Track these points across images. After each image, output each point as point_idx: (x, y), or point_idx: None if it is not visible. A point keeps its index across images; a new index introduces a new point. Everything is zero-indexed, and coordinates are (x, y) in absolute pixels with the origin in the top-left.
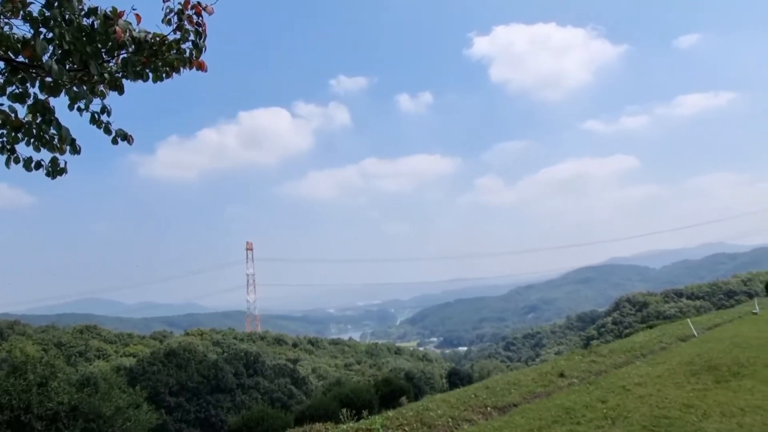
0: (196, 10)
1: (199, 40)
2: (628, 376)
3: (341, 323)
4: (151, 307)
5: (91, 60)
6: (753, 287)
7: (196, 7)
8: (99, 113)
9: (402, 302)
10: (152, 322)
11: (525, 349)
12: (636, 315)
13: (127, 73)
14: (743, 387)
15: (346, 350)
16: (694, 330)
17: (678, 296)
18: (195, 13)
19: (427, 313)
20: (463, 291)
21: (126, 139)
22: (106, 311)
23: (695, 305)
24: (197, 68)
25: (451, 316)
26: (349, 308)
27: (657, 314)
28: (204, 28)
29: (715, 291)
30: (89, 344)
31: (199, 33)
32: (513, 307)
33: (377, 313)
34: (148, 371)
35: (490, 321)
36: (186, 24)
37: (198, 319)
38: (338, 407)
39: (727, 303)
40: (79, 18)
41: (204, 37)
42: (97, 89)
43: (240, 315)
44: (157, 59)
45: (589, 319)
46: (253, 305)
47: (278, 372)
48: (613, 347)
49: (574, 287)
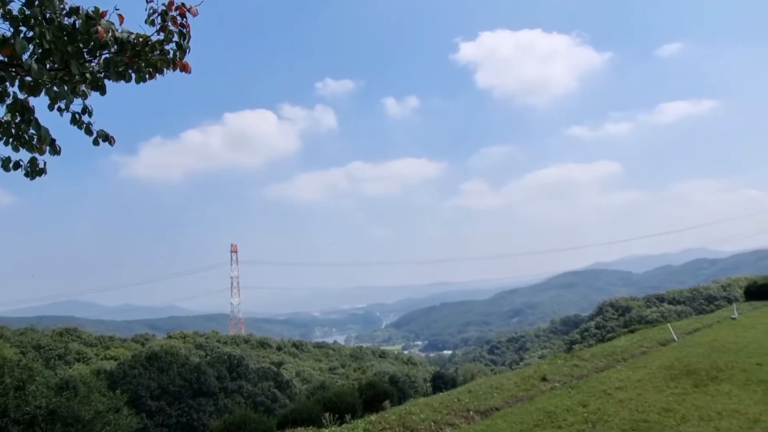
0: (180, 12)
1: (183, 41)
2: (609, 380)
3: (326, 326)
4: (132, 310)
5: (72, 60)
6: (732, 292)
7: (181, 8)
8: (80, 113)
9: (387, 306)
10: (134, 325)
11: (509, 352)
12: (619, 319)
13: (109, 73)
14: (721, 391)
15: (330, 354)
16: (674, 335)
17: (660, 301)
18: (179, 14)
19: (412, 317)
20: (448, 294)
21: (107, 140)
22: (86, 313)
23: (676, 310)
24: (181, 69)
25: (437, 319)
26: (334, 311)
27: (639, 319)
28: (188, 30)
29: (696, 296)
30: (69, 347)
31: (183, 34)
32: (498, 311)
33: (362, 317)
34: (129, 374)
35: (475, 325)
36: (170, 25)
37: (181, 322)
38: (321, 411)
39: (707, 308)
40: (60, 17)
41: (188, 38)
42: (78, 89)
43: (224, 318)
44: (140, 60)
45: (572, 323)
46: (237, 308)
47: (262, 375)
48: (595, 351)
49: (558, 291)
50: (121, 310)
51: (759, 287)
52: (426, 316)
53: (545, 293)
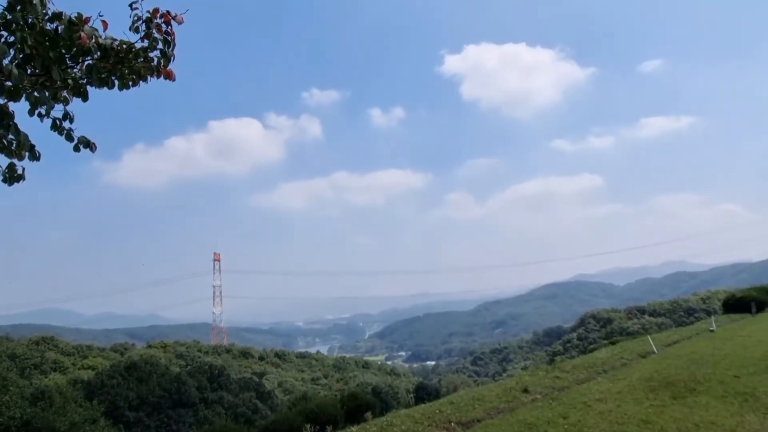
0: (165, 19)
1: (167, 48)
2: (590, 392)
3: (309, 336)
4: (112, 318)
5: (53, 65)
6: (711, 305)
7: (166, 15)
8: (61, 119)
9: (371, 316)
10: (113, 334)
11: (492, 364)
12: (600, 331)
13: (91, 79)
14: (699, 403)
15: (313, 364)
16: (654, 346)
17: (641, 313)
18: (164, 21)
19: (395, 327)
20: (432, 305)
21: (89, 147)
22: (64, 322)
23: (657, 322)
24: (165, 77)
25: (420, 330)
26: (318, 321)
27: (621, 330)
28: (173, 37)
29: (676, 308)
30: (45, 356)
31: (168, 42)
32: (481, 322)
33: (346, 327)
34: (107, 385)
35: (459, 335)
36: (154, 32)
37: (162, 331)
38: (303, 422)
39: (687, 320)
40: (42, 22)
41: (173, 46)
42: (59, 95)
43: (206, 327)
44: (124, 67)
45: (555, 334)
46: (220, 317)
47: (243, 386)
48: (576, 363)
49: (541, 303)
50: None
51: (737, 300)
52: (410, 326)
53: (528, 304)
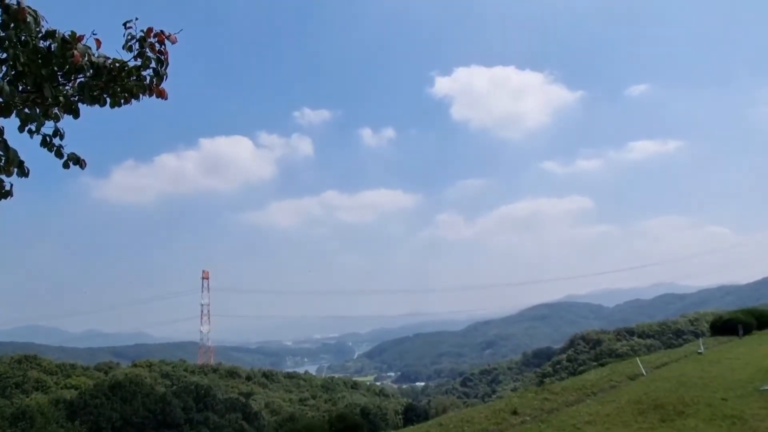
0: (158, 39)
1: (160, 67)
2: (579, 414)
3: (298, 356)
4: (97, 336)
5: (45, 82)
6: (699, 327)
7: (159, 35)
8: (51, 136)
9: (360, 336)
10: (98, 352)
11: (482, 385)
12: (590, 352)
13: (83, 97)
14: (687, 426)
15: (301, 384)
16: (642, 369)
17: (630, 335)
18: (157, 41)
19: (385, 347)
20: (421, 325)
21: (78, 163)
22: (48, 340)
23: (646, 344)
24: (157, 96)
25: (410, 350)
26: (307, 341)
27: (610, 352)
28: (166, 56)
29: (665, 330)
30: (27, 375)
31: (161, 61)
32: (471, 343)
33: (335, 347)
34: (90, 404)
35: (448, 356)
36: (147, 51)
37: (148, 350)
38: None
39: (676, 342)
40: (35, 40)
41: (166, 65)
42: (51, 112)
43: (193, 346)
44: (116, 85)
45: (545, 355)
46: (207, 336)
47: (230, 406)
48: (565, 385)
49: (530, 324)
50: (85, 336)
51: (724, 322)
52: (399, 346)
53: (518, 325)
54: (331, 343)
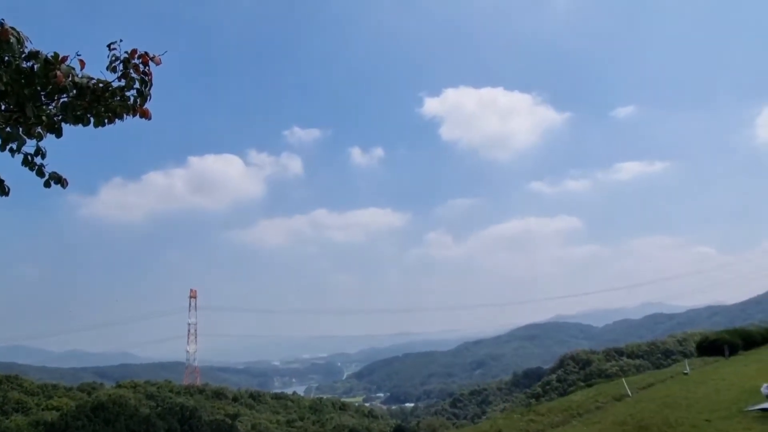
0: (143, 60)
1: (144, 88)
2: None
3: (286, 376)
4: (81, 356)
5: (27, 102)
6: (688, 347)
7: (144, 56)
8: (32, 155)
9: (349, 355)
10: (81, 373)
11: (471, 406)
12: (579, 373)
13: (66, 116)
14: None
15: (289, 405)
16: (628, 390)
17: (619, 355)
18: (142, 62)
19: (374, 368)
20: (411, 345)
21: (60, 183)
22: (30, 360)
23: (635, 364)
24: (141, 116)
25: (399, 370)
26: (295, 361)
27: (599, 372)
28: (150, 77)
29: (654, 350)
30: (8, 396)
31: (145, 81)
32: (461, 363)
33: (324, 367)
34: (72, 426)
35: (438, 376)
36: (132, 72)
37: (132, 370)
38: None
39: (664, 362)
40: (18, 60)
41: (150, 85)
42: (33, 131)
43: (179, 366)
44: (100, 105)
45: (535, 375)
46: (193, 356)
47: (215, 428)
48: (551, 406)
49: (520, 343)
50: (68, 356)
51: (710, 343)
52: (388, 366)
53: (508, 345)
54: (320, 364)
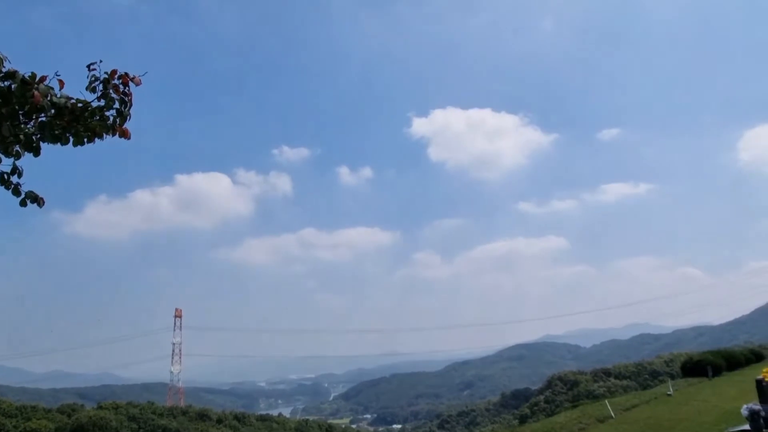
0: (123, 80)
1: (123, 108)
2: None
3: (272, 398)
4: (62, 377)
5: (4, 121)
6: (674, 368)
7: (124, 77)
8: (9, 174)
9: (337, 376)
10: (62, 394)
11: (459, 427)
12: (567, 393)
13: (44, 135)
14: None
15: (274, 427)
16: (611, 411)
17: (607, 375)
18: (122, 83)
19: (361, 388)
20: (399, 365)
21: (36, 202)
22: (9, 380)
23: (622, 384)
24: (120, 135)
25: (386, 391)
26: (281, 382)
27: (587, 393)
28: (130, 98)
29: (641, 371)
30: None
31: (125, 101)
32: (449, 383)
33: (310, 388)
34: None
35: (426, 397)
36: (111, 92)
37: (115, 391)
38: None
39: (652, 383)
40: None
41: (129, 105)
42: (11, 149)
43: (162, 387)
44: (78, 124)
45: (523, 396)
46: (177, 377)
47: None
48: (535, 428)
49: (508, 364)
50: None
51: (694, 363)
52: (375, 387)
53: (496, 365)
54: (307, 384)
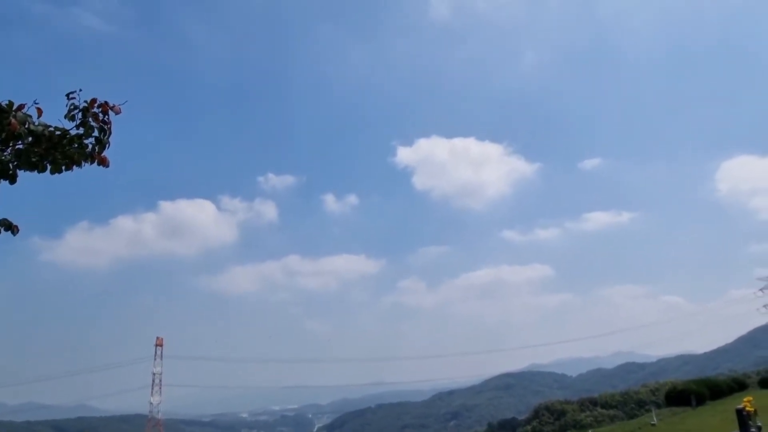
0: (102, 109)
1: (103, 136)
2: None
3: (254, 429)
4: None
5: None
6: (660, 397)
7: (104, 106)
8: None
9: (321, 407)
10: (36, 426)
11: None
12: (554, 423)
13: (21, 163)
14: None
15: None
16: None
17: (593, 405)
18: (101, 111)
19: (346, 419)
20: (384, 395)
21: (10, 229)
22: None
23: (609, 414)
24: (99, 163)
25: (372, 422)
26: (264, 413)
27: (574, 423)
28: (109, 126)
29: (627, 400)
30: None
31: (104, 130)
32: (435, 413)
33: (294, 419)
34: None
35: (412, 428)
36: (90, 121)
37: (91, 424)
38: None
39: (638, 412)
40: None
41: (109, 134)
42: None
43: (141, 419)
44: (57, 152)
45: (509, 426)
46: (157, 408)
47: None
48: None
49: (495, 393)
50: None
51: (678, 393)
52: (361, 417)
53: (482, 395)
54: (290, 415)
